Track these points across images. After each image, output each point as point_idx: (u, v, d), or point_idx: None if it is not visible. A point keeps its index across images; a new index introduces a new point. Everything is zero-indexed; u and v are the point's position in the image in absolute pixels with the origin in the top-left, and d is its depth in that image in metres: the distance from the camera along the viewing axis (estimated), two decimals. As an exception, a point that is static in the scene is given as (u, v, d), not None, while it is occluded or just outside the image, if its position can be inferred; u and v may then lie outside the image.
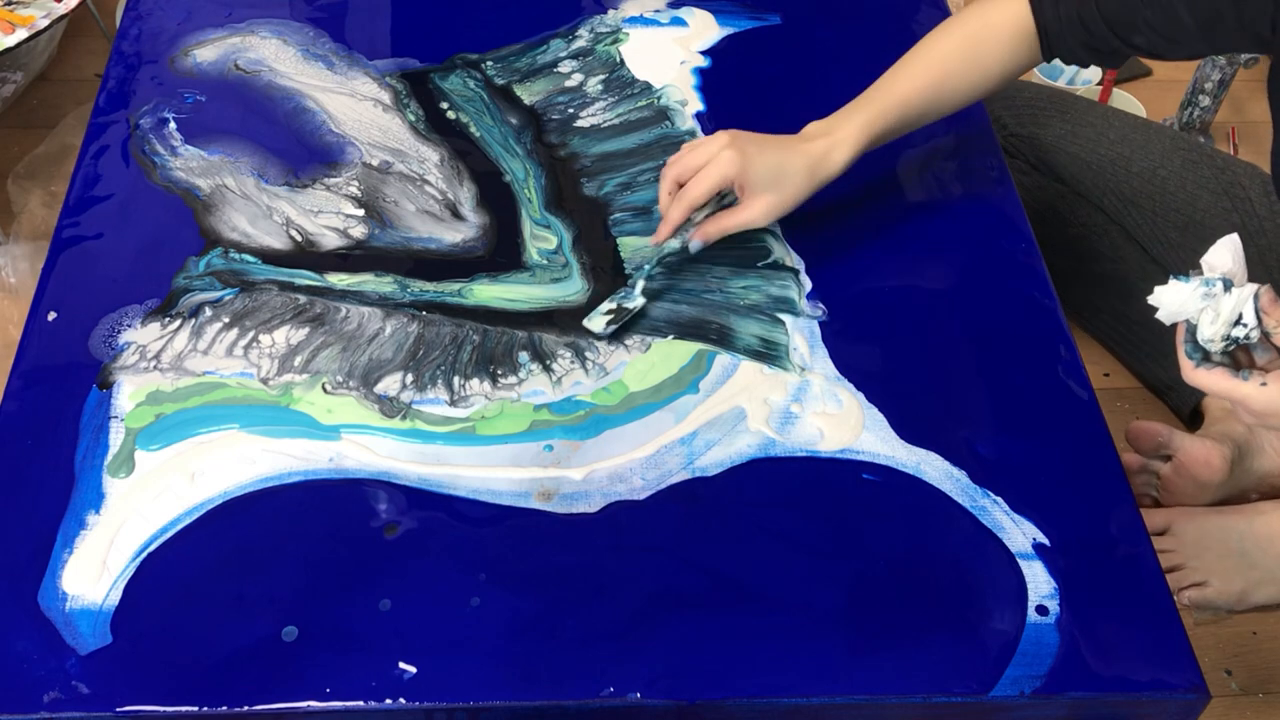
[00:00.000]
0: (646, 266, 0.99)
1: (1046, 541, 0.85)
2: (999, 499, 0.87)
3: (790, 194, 0.97)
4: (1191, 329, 0.76)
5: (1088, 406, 0.94)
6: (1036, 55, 1.03)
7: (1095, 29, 0.99)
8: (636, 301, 0.98)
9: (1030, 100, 1.41)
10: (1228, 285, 0.74)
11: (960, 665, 0.79)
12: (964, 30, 1.04)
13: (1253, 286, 0.74)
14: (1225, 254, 0.75)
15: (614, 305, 0.98)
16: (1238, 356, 0.77)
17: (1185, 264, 1.30)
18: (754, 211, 0.97)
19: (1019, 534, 0.85)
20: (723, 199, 0.99)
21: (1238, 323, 0.74)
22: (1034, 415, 0.94)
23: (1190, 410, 1.37)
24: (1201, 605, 1.24)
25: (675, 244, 0.99)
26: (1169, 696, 0.79)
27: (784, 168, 0.97)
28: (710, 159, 0.95)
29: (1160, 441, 1.29)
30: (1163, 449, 1.29)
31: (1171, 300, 0.75)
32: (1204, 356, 0.77)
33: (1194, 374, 0.77)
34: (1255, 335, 0.74)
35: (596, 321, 0.97)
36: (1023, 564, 0.84)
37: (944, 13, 1.30)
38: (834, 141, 0.99)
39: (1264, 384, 0.75)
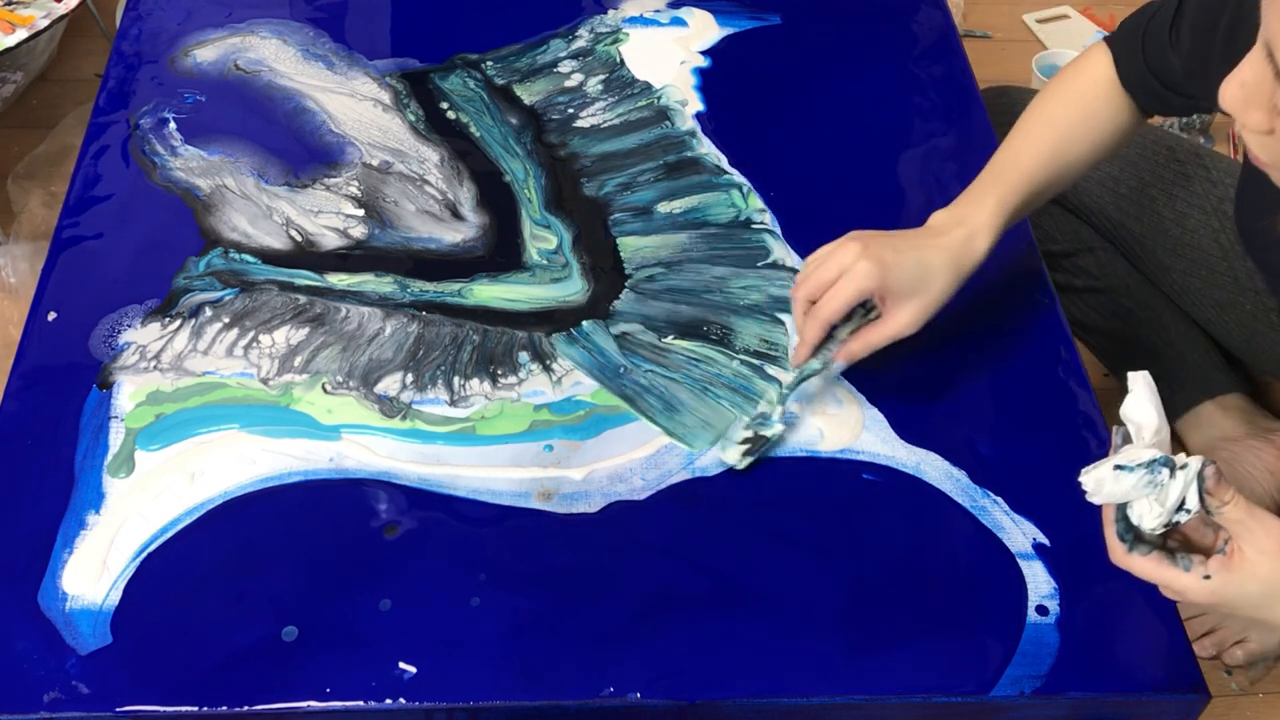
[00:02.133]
0: (787, 391, 0.91)
1: (1046, 541, 0.85)
2: (999, 499, 0.87)
3: (936, 295, 0.89)
4: (1122, 507, 0.69)
5: (1088, 406, 0.94)
6: (1138, 111, 0.98)
7: (1150, 83, 0.95)
8: (775, 429, 0.90)
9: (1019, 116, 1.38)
10: (1172, 468, 0.67)
11: (960, 665, 0.79)
12: (1069, 91, 0.98)
13: (1195, 464, 0.67)
14: (1146, 405, 0.68)
15: (750, 434, 0.89)
16: (1171, 535, 0.71)
17: (1176, 287, 1.27)
18: (901, 322, 0.88)
19: (1019, 534, 0.85)
20: (868, 311, 0.91)
21: (1181, 507, 0.67)
22: (1034, 415, 0.94)
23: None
24: (1252, 660, 1.21)
25: (817, 364, 0.91)
26: (1169, 696, 0.79)
27: (925, 269, 0.88)
28: (844, 271, 0.87)
29: None
30: None
31: (1113, 489, 0.67)
32: (1136, 537, 0.69)
33: (1127, 559, 0.70)
34: (1195, 513, 0.68)
35: (732, 453, 0.89)
36: (1023, 564, 0.84)
37: (944, 13, 1.30)
38: (972, 230, 0.91)
39: (1207, 577, 0.68)
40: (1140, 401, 0.68)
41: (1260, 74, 0.64)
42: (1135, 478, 0.67)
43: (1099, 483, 0.67)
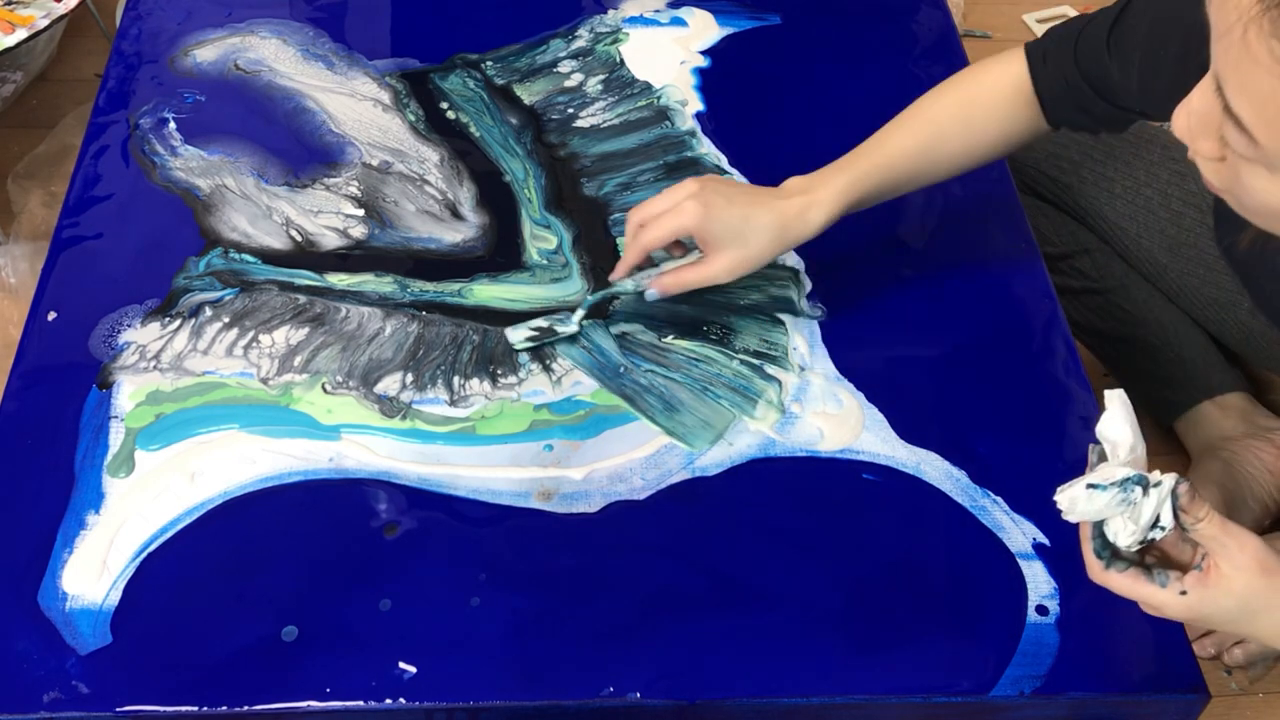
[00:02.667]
0: (589, 298, 0.97)
1: (1046, 541, 0.85)
2: (999, 499, 0.87)
3: (754, 252, 0.92)
4: (1099, 525, 0.70)
5: (1087, 406, 0.94)
6: (1039, 120, 0.96)
7: (1081, 90, 0.92)
8: (568, 328, 0.95)
9: None
10: (1145, 487, 0.67)
11: (960, 665, 0.79)
12: (960, 91, 0.98)
13: (1169, 482, 0.67)
14: (1121, 424, 0.68)
15: (545, 325, 0.96)
16: (1149, 551, 0.71)
17: (1174, 286, 1.27)
18: (714, 268, 0.92)
19: (1019, 534, 0.85)
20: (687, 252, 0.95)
21: (1155, 524, 0.68)
22: (1034, 415, 0.94)
23: (1166, 427, 1.36)
24: (1251, 660, 1.20)
25: (630, 285, 0.95)
26: (1169, 696, 0.79)
27: (749, 224, 0.91)
28: (672, 207, 0.91)
29: None
30: None
31: (1086, 508, 0.68)
32: (1113, 554, 0.70)
33: (1104, 576, 0.70)
34: (1170, 530, 0.68)
35: (518, 333, 0.95)
36: (1023, 564, 0.84)
37: (944, 13, 1.30)
38: (811, 201, 0.93)
39: (1183, 592, 0.68)
40: (1115, 420, 0.69)
41: (1209, 105, 0.64)
42: (1108, 496, 0.67)
43: (1073, 501, 0.68)
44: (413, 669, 0.77)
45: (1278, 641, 0.71)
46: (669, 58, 1.23)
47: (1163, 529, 0.68)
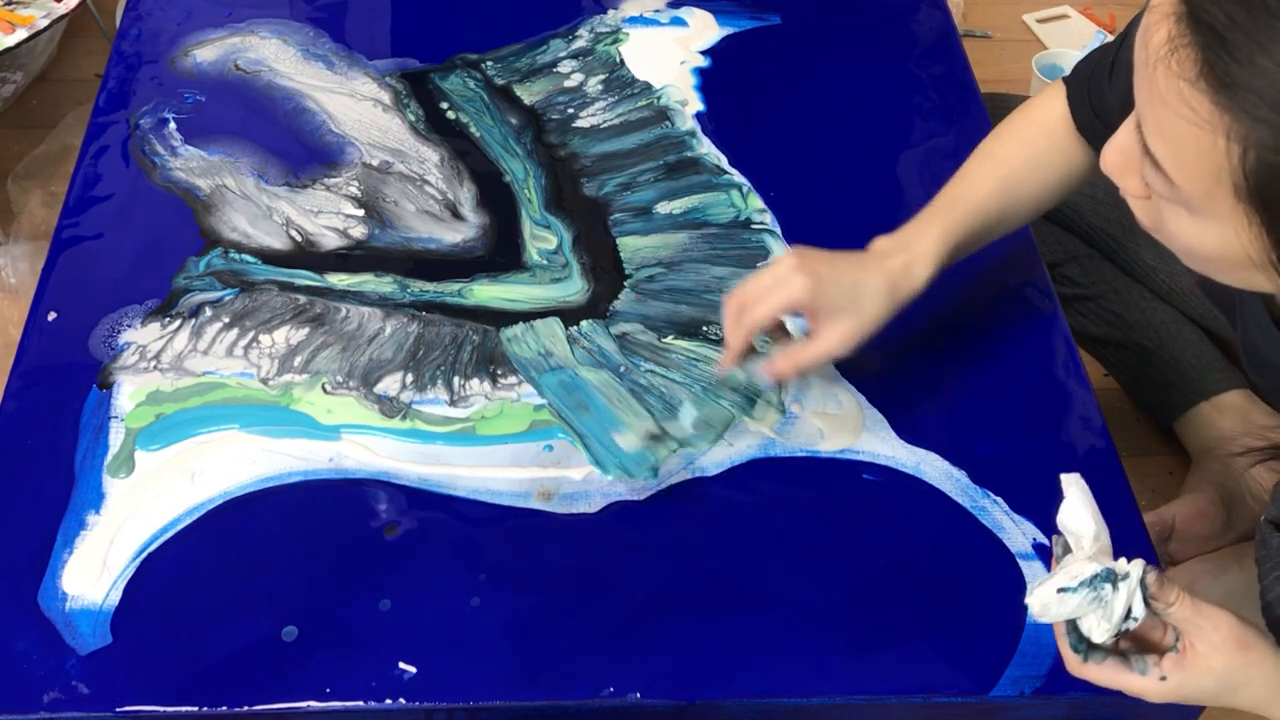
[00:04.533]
0: (699, 389, 0.93)
1: (1046, 542, 0.85)
2: (999, 499, 0.87)
3: (870, 318, 0.86)
4: (1073, 620, 0.69)
5: (1088, 407, 0.94)
6: (1092, 153, 0.93)
7: (1093, 124, 0.91)
8: (685, 430, 0.90)
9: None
10: (1114, 581, 0.67)
11: (960, 665, 0.79)
12: (1019, 133, 0.96)
13: (1136, 572, 0.67)
14: (1081, 512, 0.68)
15: (657, 430, 0.90)
16: (1124, 637, 0.71)
17: (1165, 285, 1.26)
18: (831, 340, 0.86)
19: (1019, 534, 0.85)
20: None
21: (1128, 616, 0.68)
22: (1034, 415, 0.94)
23: (1166, 427, 1.36)
24: None
25: (741, 376, 0.90)
26: (1169, 696, 0.78)
27: (860, 289, 0.86)
28: (777, 281, 0.85)
29: (1158, 531, 1.25)
30: (1164, 536, 1.26)
31: (1060, 610, 0.68)
32: (1089, 646, 0.70)
33: (1083, 669, 0.70)
34: (1143, 619, 0.68)
35: (628, 440, 0.90)
36: (1023, 564, 0.84)
37: (944, 13, 1.30)
38: (913, 258, 0.89)
39: (1163, 678, 0.68)
40: (1075, 508, 0.69)
41: (1132, 143, 0.64)
42: (1080, 597, 0.67)
43: (1045, 606, 0.68)
44: (413, 669, 0.77)
45: (1261, 712, 0.71)
46: (669, 58, 1.23)
47: (1135, 620, 0.68)
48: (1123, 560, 0.68)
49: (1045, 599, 0.68)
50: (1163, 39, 0.58)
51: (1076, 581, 0.67)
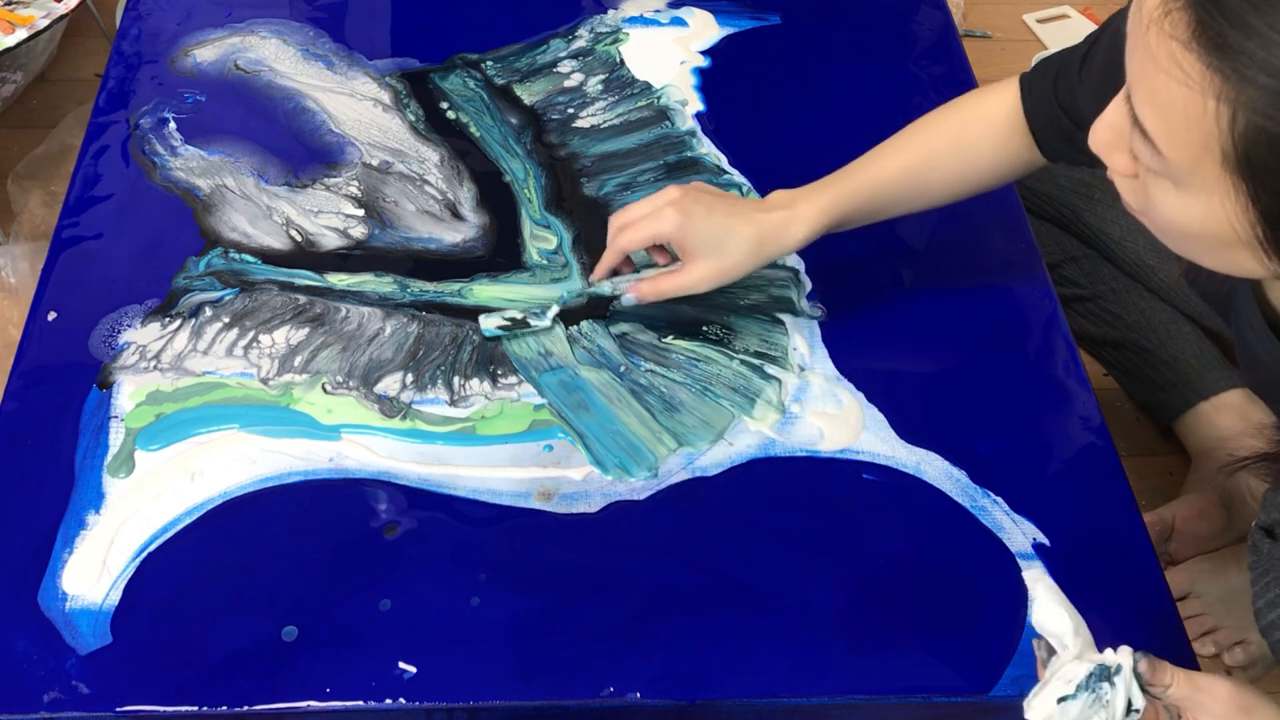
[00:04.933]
0: (565, 295, 0.98)
1: (1046, 541, 0.85)
2: (999, 499, 0.87)
3: (731, 264, 0.90)
4: None
5: (1088, 406, 0.94)
6: (1033, 151, 0.93)
7: (1061, 121, 0.90)
8: (542, 323, 0.96)
9: None
10: (1109, 678, 0.67)
11: (960, 665, 0.79)
12: (955, 116, 0.95)
13: (1128, 663, 0.67)
14: (1055, 610, 0.68)
15: (519, 316, 0.96)
16: None
17: (1163, 284, 1.26)
18: (690, 277, 0.91)
19: (1019, 534, 0.85)
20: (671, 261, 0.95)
21: (1129, 709, 0.67)
22: (1034, 415, 0.94)
23: (1166, 427, 1.36)
24: (1252, 661, 1.20)
25: (607, 288, 0.96)
26: (1169, 696, 0.78)
27: (728, 234, 0.90)
28: (652, 211, 0.91)
29: (1158, 531, 1.25)
30: (1164, 536, 1.26)
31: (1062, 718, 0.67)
32: None
33: None
34: (1145, 708, 0.68)
35: (491, 320, 0.96)
36: (1023, 564, 0.84)
37: (944, 13, 1.30)
38: (792, 216, 0.91)
39: None
40: (1047, 606, 0.68)
41: (1121, 118, 0.64)
42: (1080, 703, 0.67)
43: (1049, 718, 0.67)
44: (413, 669, 0.77)
45: None
46: (669, 58, 1.23)
47: (1138, 712, 0.68)
48: (1109, 651, 0.67)
49: (1048, 710, 0.67)
50: (1157, 2, 0.58)
51: (1074, 686, 0.66)
